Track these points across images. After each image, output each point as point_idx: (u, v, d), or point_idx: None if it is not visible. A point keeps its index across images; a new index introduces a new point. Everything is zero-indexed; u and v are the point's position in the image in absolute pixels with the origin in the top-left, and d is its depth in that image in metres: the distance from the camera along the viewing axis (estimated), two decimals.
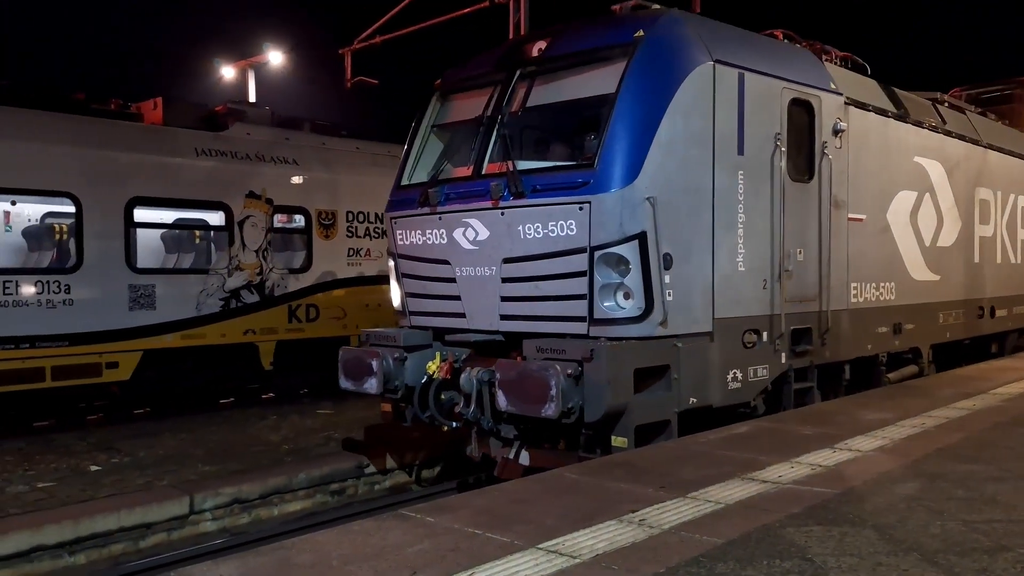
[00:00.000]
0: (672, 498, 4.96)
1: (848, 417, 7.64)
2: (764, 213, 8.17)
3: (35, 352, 11.64)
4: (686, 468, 5.73)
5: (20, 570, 7.15)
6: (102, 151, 12.61)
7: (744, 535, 4.28)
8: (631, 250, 7.00)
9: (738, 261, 7.89)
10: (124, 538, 7.82)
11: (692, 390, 7.45)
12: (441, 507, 4.95)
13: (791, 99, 8.48)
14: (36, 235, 13.11)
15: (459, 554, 4.03)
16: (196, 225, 14.47)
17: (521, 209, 7.36)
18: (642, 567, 3.85)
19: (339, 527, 4.66)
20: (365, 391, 8.10)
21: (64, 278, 12.05)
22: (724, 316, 7.76)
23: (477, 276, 7.77)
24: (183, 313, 13.28)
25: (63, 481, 8.84)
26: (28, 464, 9.66)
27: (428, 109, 8.94)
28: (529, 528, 4.42)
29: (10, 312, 11.49)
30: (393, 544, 4.19)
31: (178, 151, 13.48)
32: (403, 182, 8.66)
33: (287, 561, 3.98)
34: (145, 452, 10.22)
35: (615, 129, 7.09)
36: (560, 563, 3.90)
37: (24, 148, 11.83)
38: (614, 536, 4.28)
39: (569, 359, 6.83)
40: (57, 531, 7.42)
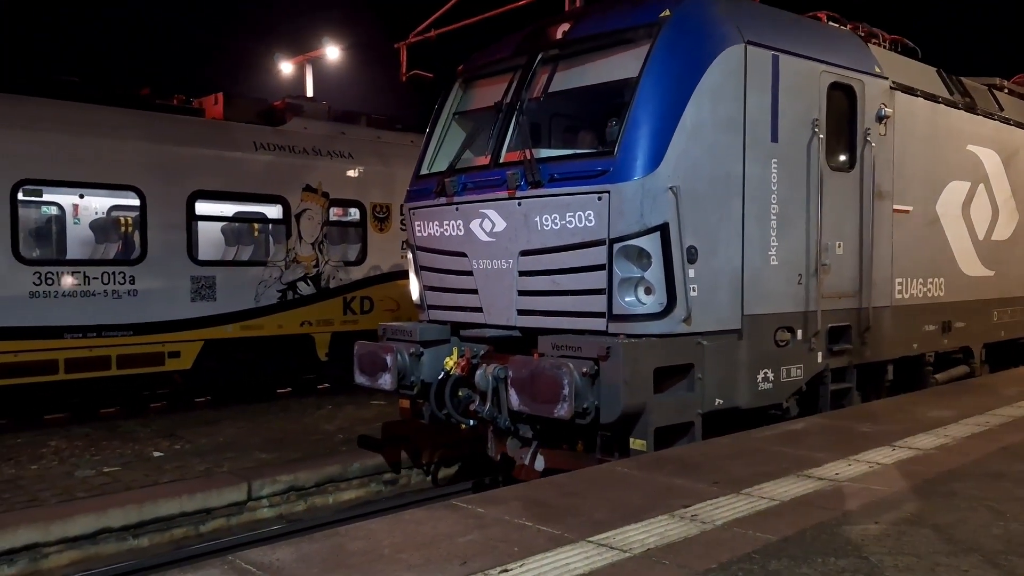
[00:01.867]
0: (725, 494, 4.89)
1: (908, 414, 7.43)
2: (800, 204, 7.71)
3: (102, 341, 11.95)
4: (740, 464, 5.64)
5: (87, 551, 7.38)
6: (165, 146, 12.87)
7: (799, 532, 4.22)
8: (652, 242, 6.63)
9: (770, 255, 7.46)
10: (185, 522, 8.01)
11: (718, 391, 7.06)
12: (491, 499, 4.96)
13: (831, 83, 8.00)
14: (103, 228, 13.51)
15: (509, 545, 4.03)
16: (255, 218, 14.73)
17: (538, 199, 7.04)
18: (694, 563, 3.81)
19: (391, 516, 4.72)
20: (379, 387, 7.86)
21: (129, 269, 12.36)
22: (754, 313, 7.33)
23: (494, 269, 7.47)
24: (242, 304, 13.49)
25: (127, 466, 9.07)
26: (95, 449, 9.90)
27: (450, 96, 8.65)
28: (579, 521, 4.39)
29: (79, 302, 11.80)
30: (444, 534, 4.21)
31: (238, 145, 13.72)
32: (422, 171, 8.39)
33: (340, 548, 4.03)
34: (205, 439, 10.40)
35: (636, 115, 6.72)
36: (610, 557, 3.88)
37: (92, 143, 12.12)
38: (665, 531, 4.24)
39: (585, 357, 6.50)
40: (122, 514, 7.63)
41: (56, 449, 9.96)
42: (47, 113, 12.00)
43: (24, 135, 11.63)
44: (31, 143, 11.63)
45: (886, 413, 7.61)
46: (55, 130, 11.90)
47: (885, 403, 8.36)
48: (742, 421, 7.29)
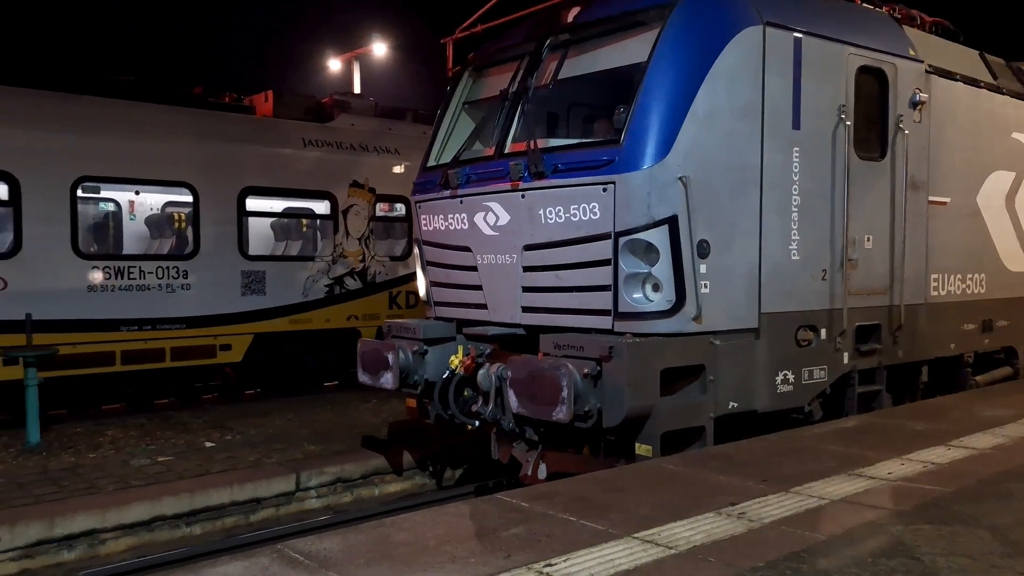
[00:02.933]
0: (773, 492, 4.83)
1: (965, 413, 7.29)
2: (824, 195, 7.26)
3: (156, 334, 12.26)
4: (788, 462, 5.56)
5: (142, 538, 7.55)
6: (217, 143, 13.08)
7: (848, 531, 4.16)
8: (660, 236, 6.25)
9: (791, 249, 7.03)
10: (236, 512, 8.15)
11: (732, 393, 6.66)
12: (536, 493, 4.93)
13: (859, 67, 7.52)
14: (157, 223, 13.85)
15: (553, 540, 4.02)
16: (303, 214, 14.90)
17: (541, 191, 6.70)
18: (740, 560, 3.76)
19: (435, 508, 4.80)
20: (382, 386, 7.61)
21: (182, 264, 12.60)
22: (773, 310, 6.91)
23: (498, 264, 7.16)
24: (291, 299, 13.70)
25: (180, 456, 9.26)
26: (150, 439, 10.12)
27: (459, 85, 8.35)
28: (624, 517, 4.37)
29: (134, 296, 12.10)
30: (488, 527, 4.22)
31: (287, 142, 13.91)
32: (429, 163, 8.11)
33: (386, 539, 4.08)
34: (255, 431, 10.55)
35: (644, 101, 6.34)
36: (656, 553, 3.85)
37: (148, 141, 12.37)
38: (712, 528, 4.19)
39: (587, 357, 6.16)
40: (175, 503, 7.81)
41: (113, 438, 10.22)
42: (104, 112, 12.25)
43: (83, 133, 11.88)
44: (89, 141, 11.88)
45: (941, 411, 7.41)
46: (112, 128, 12.15)
47: (940, 401, 8.07)
48: (760, 425, 6.88)
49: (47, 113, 11.77)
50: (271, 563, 3.75)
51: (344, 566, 3.73)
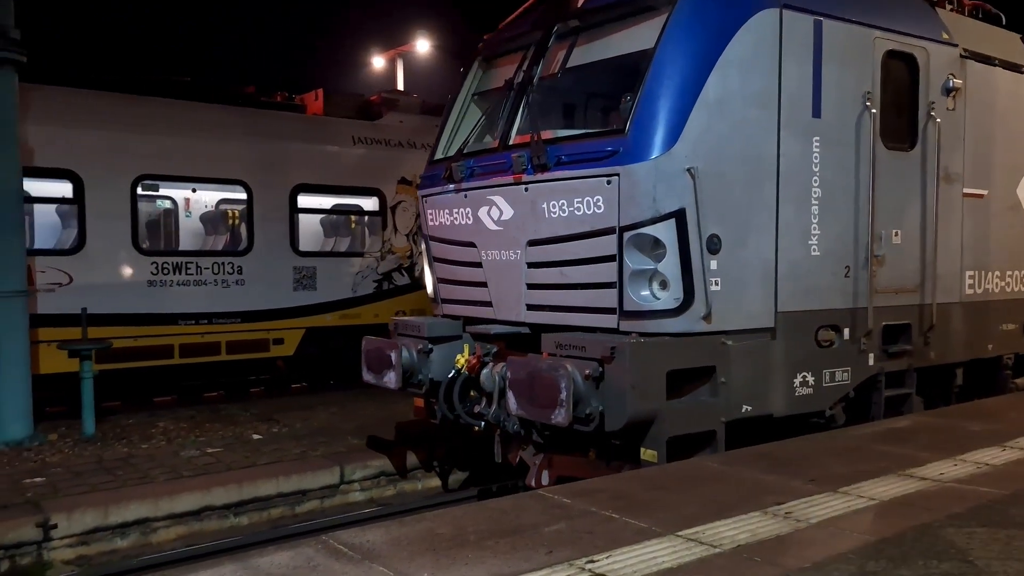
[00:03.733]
0: (821, 492, 4.74)
1: (1021, 414, 7.09)
2: (847, 187, 6.87)
3: (213, 328, 12.54)
4: (837, 462, 5.44)
5: (192, 527, 7.71)
6: (271, 141, 13.28)
7: (899, 534, 4.07)
8: (667, 231, 5.93)
9: (811, 244, 6.65)
10: (282, 503, 8.24)
11: (745, 396, 6.32)
12: (578, 490, 4.89)
13: (887, 51, 7.10)
14: (213, 220, 14.19)
15: (595, 537, 3.99)
16: (352, 210, 15.02)
17: (544, 184, 6.42)
18: (786, 561, 3.71)
19: (477, 504, 4.81)
20: (385, 385, 7.40)
21: (237, 260, 12.89)
22: (791, 309, 6.55)
23: (502, 261, 6.90)
24: (341, 294, 13.84)
25: (229, 448, 9.39)
26: (199, 431, 10.26)
27: (469, 75, 8.09)
28: (667, 515, 4.32)
29: (192, 291, 12.42)
30: (529, 523, 4.21)
31: (337, 140, 14.09)
32: (436, 156, 7.87)
33: (429, 532, 4.08)
34: (300, 424, 10.63)
35: (650, 89, 6.02)
36: (699, 552, 3.81)
37: (204, 140, 12.67)
38: (757, 527, 4.13)
39: (588, 357, 5.87)
40: (224, 493, 7.92)
41: (164, 430, 10.39)
42: (162, 112, 12.55)
43: (142, 133, 12.18)
44: (149, 141, 12.18)
45: (996, 412, 7.20)
46: (170, 128, 12.43)
47: (994, 402, 7.80)
48: (777, 430, 6.53)
49: (108, 113, 12.09)
50: (316, 554, 3.80)
51: (387, 558, 3.75)
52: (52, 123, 11.43)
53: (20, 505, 7.31)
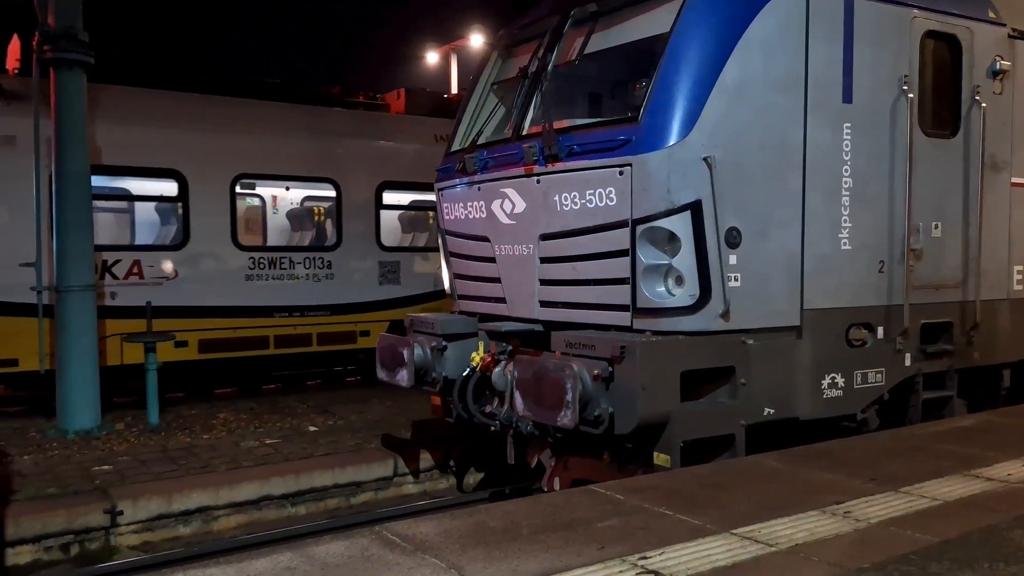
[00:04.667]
0: (881, 491, 4.64)
1: None
2: (881, 176, 6.47)
3: (305, 320, 13.00)
4: (899, 461, 5.32)
5: (251, 516, 7.91)
6: (358, 140, 13.72)
7: (963, 535, 3.95)
8: (682, 224, 5.62)
9: (841, 237, 6.28)
10: (338, 494, 8.42)
11: (768, 398, 5.98)
12: (631, 486, 4.85)
13: (926, 31, 6.67)
14: (304, 217, 14.84)
15: (648, 533, 3.97)
16: (432, 206, 15.29)
17: (556, 175, 6.16)
18: (845, 561, 3.62)
19: (529, 498, 4.77)
20: (397, 383, 7.22)
21: (327, 255, 13.37)
22: (819, 307, 6.19)
23: (515, 256, 6.66)
24: (422, 288, 14.08)
25: (286, 439, 9.59)
26: (258, 422, 10.51)
27: (487, 65, 7.86)
28: (722, 513, 4.26)
29: (285, 284, 12.93)
30: (581, 518, 4.19)
31: (419, 138, 14.18)
32: (453, 148, 7.65)
33: (481, 525, 4.10)
34: (355, 416, 10.80)
35: (664, 74, 5.72)
36: (755, 550, 3.75)
37: (295, 139, 13.17)
38: (815, 527, 4.05)
39: (597, 356, 5.60)
40: (282, 483, 8.12)
41: (224, 421, 10.65)
42: (257, 113, 13.07)
43: (240, 134, 12.72)
44: (246, 141, 12.73)
45: None
46: (264, 128, 12.92)
47: None
48: (803, 434, 6.18)
49: (209, 115, 12.64)
50: (370, 544, 3.85)
51: (439, 550, 3.77)
52: (159, 125, 12.06)
53: (89, 492, 7.55)
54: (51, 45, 9.69)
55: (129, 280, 11.75)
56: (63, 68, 9.77)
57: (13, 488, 7.58)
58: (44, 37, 9.71)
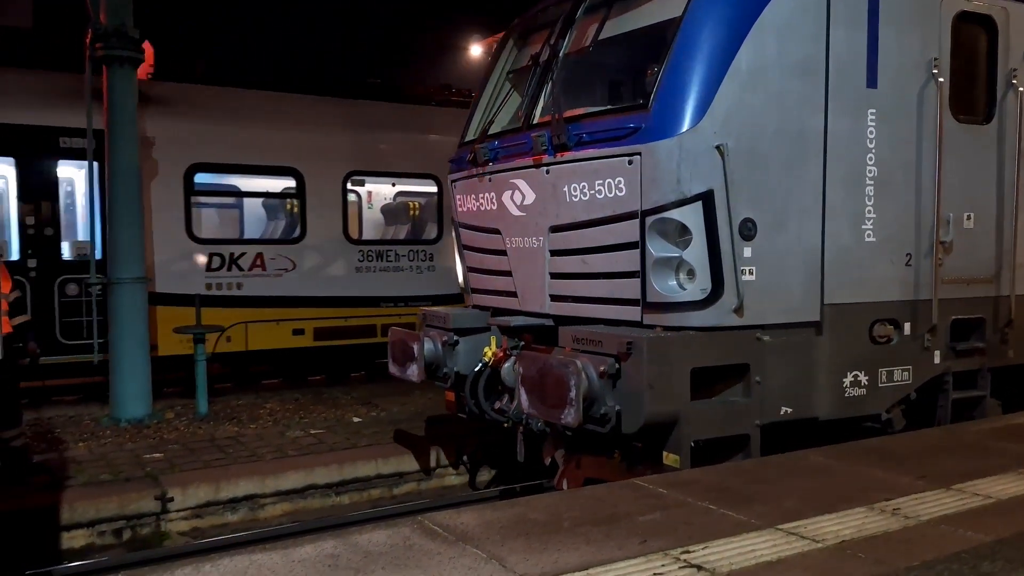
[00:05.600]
0: (932, 489, 4.55)
1: None
2: (908, 165, 6.17)
3: (410, 310, 13.41)
4: (951, 458, 5.21)
5: (296, 504, 8.08)
6: (453, 137, 14.22)
7: (1018, 534, 3.86)
8: (693, 215, 5.40)
9: (865, 229, 6.00)
10: (381, 484, 8.54)
11: (784, 397, 5.74)
12: (674, 481, 4.80)
13: (958, 12, 6.34)
14: (411, 211, 15.25)
15: (691, 528, 3.94)
16: None
17: (565, 165, 5.97)
18: (893, 559, 3.56)
19: (571, 491, 4.83)
20: (408, 378, 7.09)
21: (429, 248, 14.07)
22: (840, 301, 5.92)
23: (526, 248, 6.49)
24: None
25: (331, 430, 9.75)
26: (303, 413, 10.71)
27: (502, 53, 7.68)
28: (767, 508, 4.21)
29: (391, 276, 13.66)
30: (624, 512, 4.17)
31: None
32: (466, 138, 7.50)
33: (522, 517, 4.09)
34: (398, 408, 10.92)
35: (675, 59, 5.49)
36: (800, 546, 3.71)
37: (400, 137, 13.93)
38: (863, 523, 3.98)
39: (604, 352, 5.41)
40: (326, 473, 8.26)
41: (271, 411, 10.87)
42: (364, 113, 13.80)
43: (350, 133, 13.44)
44: (355, 139, 13.45)
45: None
46: (371, 127, 13.66)
47: None
48: (824, 435, 5.93)
49: (322, 116, 13.38)
50: (412, 533, 3.88)
51: (480, 541, 3.78)
52: (280, 126, 12.84)
53: (140, 479, 7.77)
54: (103, 43, 9.90)
55: (253, 272, 12.58)
56: (114, 65, 9.98)
57: (68, 474, 7.82)
58: (96, 35, 9.93)
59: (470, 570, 3.45)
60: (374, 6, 22.37)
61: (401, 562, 3.53)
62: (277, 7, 22.74)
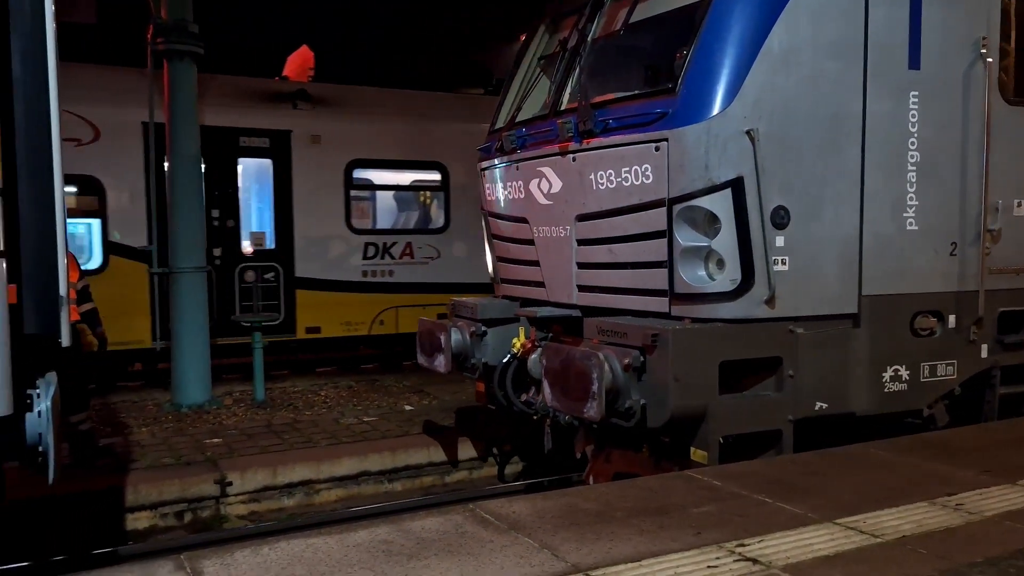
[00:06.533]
0: (997, 484, 4.45)
1: None
2: (954, 149, 5.88)
3: None
4: (1017, 452, 5.10)
5: (350, 490, 8.19)
6: None
7: None
8: (722, 203, 5.22)
9: (907, 217, 5.74)
10: (433, 472, 8.64)
11: (819, 392, 5.52)
12: (728, 472, 4.75)
13: None
14: None
15: (747, 520, 3.89)
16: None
17: (591, 152, 5.82)
18: (956, 555, 3.48)
19: (623, 482, 4.74)
20: (435, 369, 7.03)
21: None
22: (880, 292, 5.68)
23: (553, 237, 6.36)
24: None
25: (383, 417, 9.86)
26: (357, 400, 10.90)
27: (534, 39, 7.53)
28: (824, 502, 4.16)
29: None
30: (677, 503, 4.15)
31: None
32: (496, 126, 7.38)
33: (573, 507, 4.09)
34: (450, 397, 11.00)
35: (703, 41, 5.30)
36: (859, 540, 3.65)
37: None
38: (924, 518, 3.93)
39: (629, 344, 5.26)
40: (379, 460, 8.37)
41: (326, 398, 11.06)
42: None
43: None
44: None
45: None
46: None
47: None
48: (863, 431, 5.70)
49: (460, 111, 13.99)
50: (464, 521, 3.91)
51: (532, 529, 3.80)
52: (426, 122, 13.64)
53: (201, 463, 7.98)
54: (164, 37, 10.12)
55: (403, 260, 13.41)
56: (175, 59, 10.21)
57: (133, 457, 8.11)
58: (157, 29, 10.16)
59: (521, 559, 3.46)
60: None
61: (453, 549, 3.56)
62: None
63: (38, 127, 3.78)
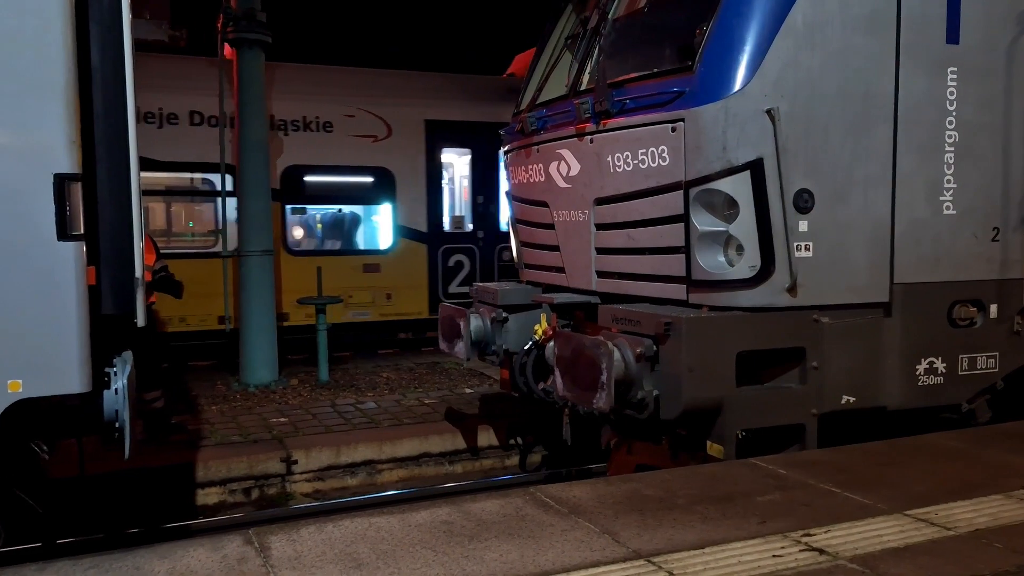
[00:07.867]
0: None
1: None
2: (996, 129, 5.54)
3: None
4: None
5: (411, 471, 8.34)
6: None
7: None
8: (740, 185, 4.98)
9: (943, 200, 5.43)
10: (492, 455, 8.71)
11: (846, 385, 5.26)
12: (795, 461, 4.66)
13: None
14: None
15: (813, 510, 3.83)
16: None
17: (608, 134, 5.62)
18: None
19: (686, 468, 4.71)
20: (456, 355, 6.93)
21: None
22: (914, 280, 5.39)
23: (572, 221, 6.18)
24: None
25: (444, 400, 9.90)
26: (418, 382, 10.99)
27: (561, 19, 7.33)
28: (894, 492, 4.08)
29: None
30: (741, 491, 4.09)
31: None
32: (520, 107, 7.21)
33: (636, 493, 4.07)
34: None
35: (723, 16, 5.06)
36: (930, 533, 3.58)
37: None
38: (999, 511, 3.83)
39: (642, 333, 5.07)
40: (440, 442, 8.49)
41: (387, 380, 11.20)
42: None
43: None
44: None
45: None
46: None
47: None
48: (895, 426, 5.43)
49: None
50: (524, 504, 3.92)
51: (593, 514, 3.78)
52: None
53: (267, 441, 8.17)
54: (233, 26, 10.30)
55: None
56: (244, 47, 10.39)
57: (203, 435, 8.32)
58: (227, 18, 10.35)
59: (582, 543, 3.43)
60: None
61: (513, 531, 3.56)
62: None
63: (115, 116, 3.95)
